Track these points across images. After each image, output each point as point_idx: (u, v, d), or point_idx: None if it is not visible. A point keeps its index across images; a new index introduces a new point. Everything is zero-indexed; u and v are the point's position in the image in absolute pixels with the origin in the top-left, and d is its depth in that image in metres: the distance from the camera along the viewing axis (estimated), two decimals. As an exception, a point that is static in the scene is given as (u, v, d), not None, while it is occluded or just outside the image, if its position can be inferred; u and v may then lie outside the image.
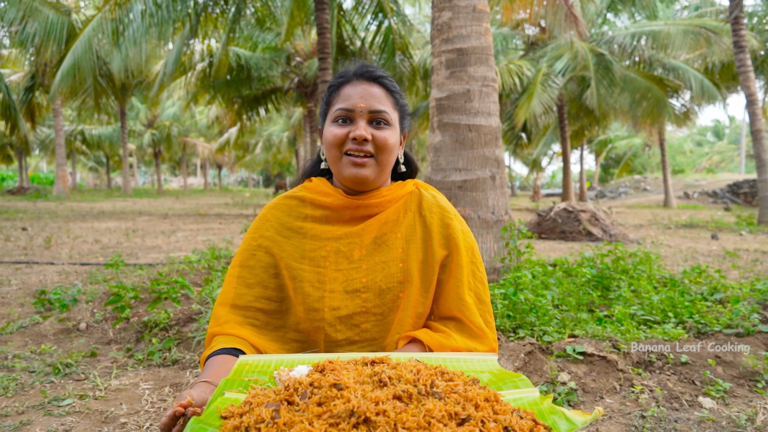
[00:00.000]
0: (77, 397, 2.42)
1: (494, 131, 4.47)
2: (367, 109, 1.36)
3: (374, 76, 1.41)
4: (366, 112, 1.36)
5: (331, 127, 1.38)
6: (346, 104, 1.36)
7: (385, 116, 1.37)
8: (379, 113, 1.36)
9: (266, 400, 0.98)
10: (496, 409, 0.99)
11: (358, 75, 1.41)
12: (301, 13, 13.24)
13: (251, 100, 18.94)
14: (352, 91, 1.38)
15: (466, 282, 1.40)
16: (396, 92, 1.44)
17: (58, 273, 5.68)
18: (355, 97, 1.36)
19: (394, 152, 1.40)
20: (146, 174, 71.84)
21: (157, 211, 16.71)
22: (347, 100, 1.37)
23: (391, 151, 1.38)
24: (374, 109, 1.36)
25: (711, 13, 18.64)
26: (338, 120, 1.37)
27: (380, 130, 1.36)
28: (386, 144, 1.36)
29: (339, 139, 1.35)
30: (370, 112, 1.36)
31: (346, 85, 1.40)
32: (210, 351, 1.30)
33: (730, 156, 56.96)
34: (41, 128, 33.18)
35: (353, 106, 1.35)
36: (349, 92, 1.38)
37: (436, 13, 4.60)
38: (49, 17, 15.22)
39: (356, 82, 1.39)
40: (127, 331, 3.46)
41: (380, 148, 1.36)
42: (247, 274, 1.41)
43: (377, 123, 1.37)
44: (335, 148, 1.36)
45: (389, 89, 1.42)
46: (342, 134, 1.35)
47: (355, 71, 1.41)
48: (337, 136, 1.35)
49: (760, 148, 12.63)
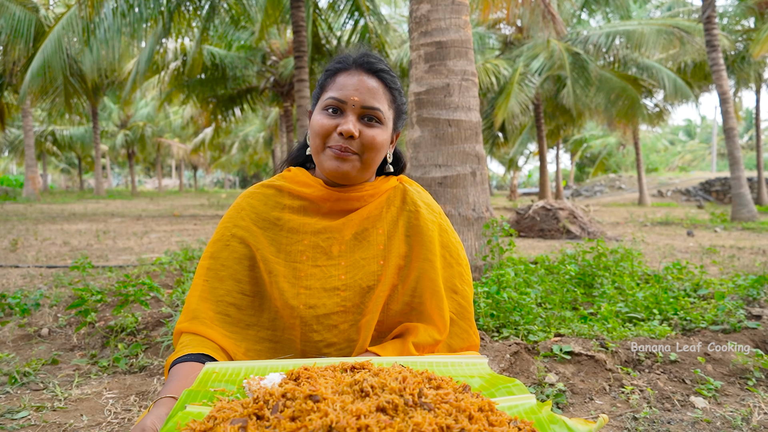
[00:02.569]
0: (33, 408, 2.24)
1: (474, 126, 4.37)
2: (360, 104, 1.25)
3: (374, 69, 1.30)
4: (358, 107, 1.25)
5: (320, 115, 1.27)
6: (339, 94, 1.26)
7: (378, 114, 1.27)
8: (372, 110, 1.26)
9: (232, 415, 0.86)
10: (492, 420, 0.88)
11: (358, 64, 1.29)
12: (276, 12, 13.07)
13: (226, 99, 18.67)
14: (348, 81, 1.27)
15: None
16: (395, 89, 1.33)
17: (22, 276, 5.44)
18: (350, 88, 1.26)
19: (382, 152, 1.30)
20: (120, 175, 70.63)
21: (130, 213, 16.35)
22: (341, 89, 1.26)
23: (378, 151, 1.28)
24: (367, 105, 1.26)
25: (683, 13, 18.91)
26: (328, 109, 1.27)
27: (370, 128, 1.26)
28: (373, 143, 1.26)
29: (326, 130, 1.25)
30: (363, 107, 1.26)
31: (342, 72, 1.29)
32: (176, 356, 1.19)
33: (701, 155, 58.05)
34: (10, 129, 32.41)
35: (346, 97, 1.25)
36: (345, 81, 1.27)
37: (415, 6, 4.49)
38: (16, 14, 14.80)
39: (354, 71, 1.29)
40: (92, 337, 3.27)
41: (367, 147, 1.26)
42: (219, 266, 1.31)
43: (368, 119, 1.26)
44: (320, 139, 1.26)
45: (388, 85, 1.31)
46: (330, 125, 1.25)
47: (356, 59, 1.30)
48: (324, 127, 1.25)
49: (732, 145, 12.80)
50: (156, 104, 25.75)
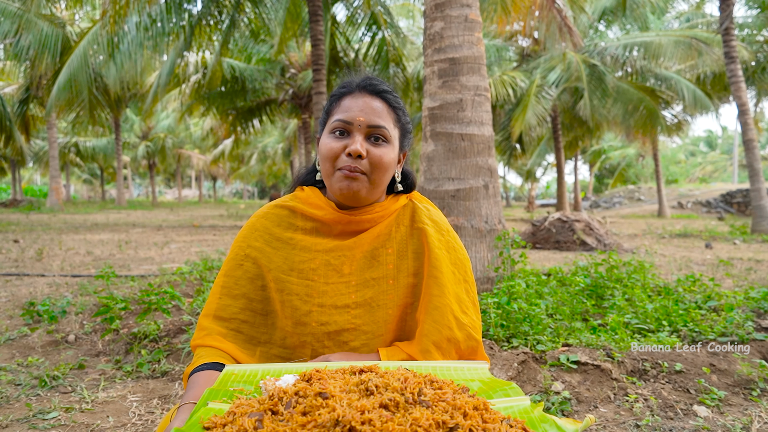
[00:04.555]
0: (63, 410, 2.38)
1: (487, 140, 4.46)
2: (366, 123, 1.30)
3: (377, 90, 1.35)
4: (364, 126, 1.30)
5: (328, 138, 1.33)
6: (345, 116, 1.31)
7: (384, 132, 1.32)
8: (377, 128, 1.31)
9: (250, 410, 0.96)
10: (486, 418, 0.96)
11: (361, 87, 1.35)
12: (294, 25, 13.28)
13: (246, 111, 18.95)
14: (353, 104, 1.32)
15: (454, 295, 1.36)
16: (399, 108, 1.38)
17: (48, 285, 5.62)
18: (355, 109, 1.31)
19: (390, 171, 1.35)
20: (141, 186, 71.66)
21: (150, 223, 16.64)
22: (346, 111, 1.32)
23: (386, 170, 1.33)
24: (373, 124, 1.31)
25: (702, 24, 18.82)
26: (335, 132, 1.32)
27: (377, 147, 1.31)
28: (381, 162, 1.30)
29: (334, 152, 1.30)
30: (369, 127, 1.31)
31: (347, 96, 1.35)
32: (193, 366, 1.26)
33: (723, 166, 57.31)
34: (35, 140, 33.10)
35: (351, 118, 1.30)
36: (350, 104, 1.33)
37: (429, 23, 4.61)
38: (43, 30, 15.24)
39: (358, 94, 1.34)
40: (116, 343, 3.41)
41: (375, 166, 1.30)
42: (233, 284, 1.37)
43: (375, 139, 1.31)
44: (329, 162, 1.31)
45: (392, 105, 1.36)
46: (338, 147, 1.30)
47: (359, 83, 1.36)
48: (332, 149, 1.30)
49: (752, 157, 12.70)
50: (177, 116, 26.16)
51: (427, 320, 1.30)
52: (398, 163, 1.43)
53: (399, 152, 1.41)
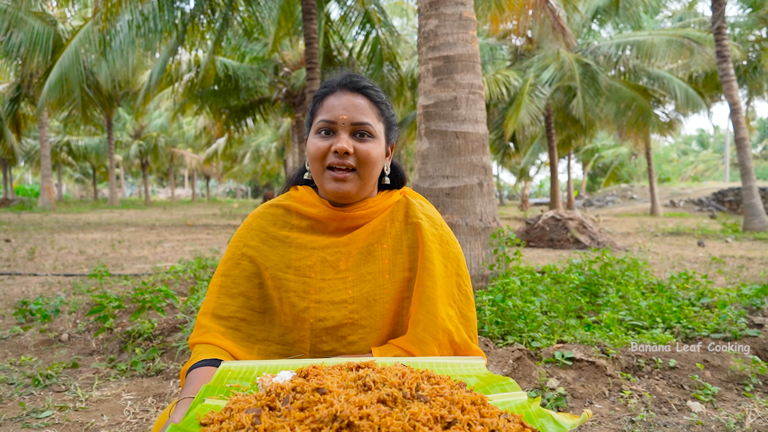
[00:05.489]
0: (57, 408, 2.36)
1: (481, 138, 4.47)
2: (350, 121, 1.32)
3: (358, 87, 1.36)
4: (348, 124, 1.32)
5: (314, 139, 1.34)
6: (329, 115, 1.32)
7: (369, 128, 1.33)
8: (361, 125, 1.33)
9: (247, 406, 0.95)
10: (483, 413, 0.96)
11: (342, 85, 1.37)
12: (288, 24, 13.24)
13: (239, 110, 18.89)
14: (336, 102, 1.34)
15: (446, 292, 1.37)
16: (381, 102, 1.40)
17: (41, 284, 5.59)
18: (338, 108, 1.32)
19: (378, 165, 1.36)
20: (133, 185, 71.32)
21: (143, 222, 16.57)
22: (330, 111, 1.33)
23: (374, 164, 1.34)
24: (357, 121, 1.32)
25: (694, 24, 18.91)
26: (321, 132, 1.34)
27: (363, 143, 1.32)
28: (368, 157, 1.32)
29: (321, 151, 1.32)
30: (353, 124, 1.32)
31: (330, 95, 1.36)
32: (191, 363, 1.26)
33: (714, 164, 57.60)
34: (26, 139, 32.89)
35: (335, 117, 1.32)
36: (333, 103, 1.34)
37: (423, 21, 4.61)
38: (34, 27, 15.13)
39: (340, 92, 1.35)
40: (110, 342, 3.40)
41: (362, 162, 1.32)
42: (231, 283, 1.38)
43: (360, 135, 1.33)
44: (318, 162, 1.33)
45: (374, 100, 1.38)
46: (324, 147, 1.32)
47: (340, 81, 1.38)
48: (319, 149, 1.32)
49: (744, 156, 12.78)
50: (169, 115, 26.03)
51: (421, 311, 1.31)
52: (386, 156, 1.44)
53: (386, 145, 1.42)
